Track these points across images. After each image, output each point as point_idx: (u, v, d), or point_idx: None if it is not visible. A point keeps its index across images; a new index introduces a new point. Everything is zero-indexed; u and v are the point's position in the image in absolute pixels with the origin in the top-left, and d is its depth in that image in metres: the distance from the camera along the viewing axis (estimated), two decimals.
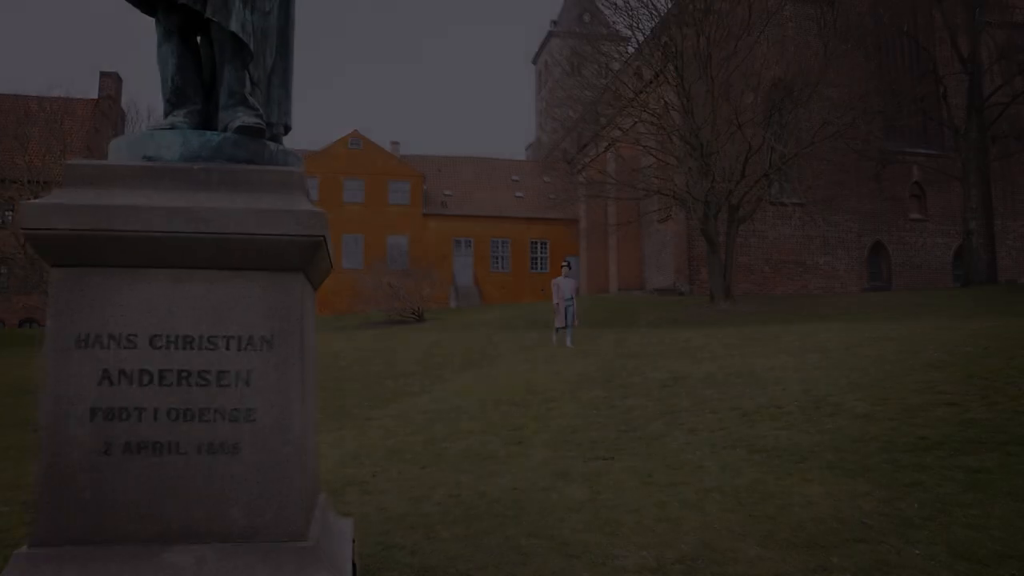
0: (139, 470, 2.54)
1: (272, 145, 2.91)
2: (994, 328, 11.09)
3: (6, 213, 35.31)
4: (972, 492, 4.70)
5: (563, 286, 14.51)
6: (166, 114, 3.04)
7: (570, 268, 14.83)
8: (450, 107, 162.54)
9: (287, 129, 3.32)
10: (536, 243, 45.65)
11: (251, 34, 2.91)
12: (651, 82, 27.43)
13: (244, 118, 2.83)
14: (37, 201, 2.56)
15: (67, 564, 2.44)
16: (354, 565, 3.19)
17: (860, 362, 9.20)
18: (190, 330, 2.61)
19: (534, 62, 75.02)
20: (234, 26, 2.86)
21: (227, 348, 2.61)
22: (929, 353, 9.20)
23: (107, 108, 42.90)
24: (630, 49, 29.06)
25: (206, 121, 3.06)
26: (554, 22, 69.82)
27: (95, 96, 43.02)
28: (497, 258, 45.23)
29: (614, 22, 28.71)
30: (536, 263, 45.59)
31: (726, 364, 10.23)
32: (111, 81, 43.96)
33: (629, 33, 27.80)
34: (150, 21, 3.12)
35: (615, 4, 27.07)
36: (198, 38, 3.14)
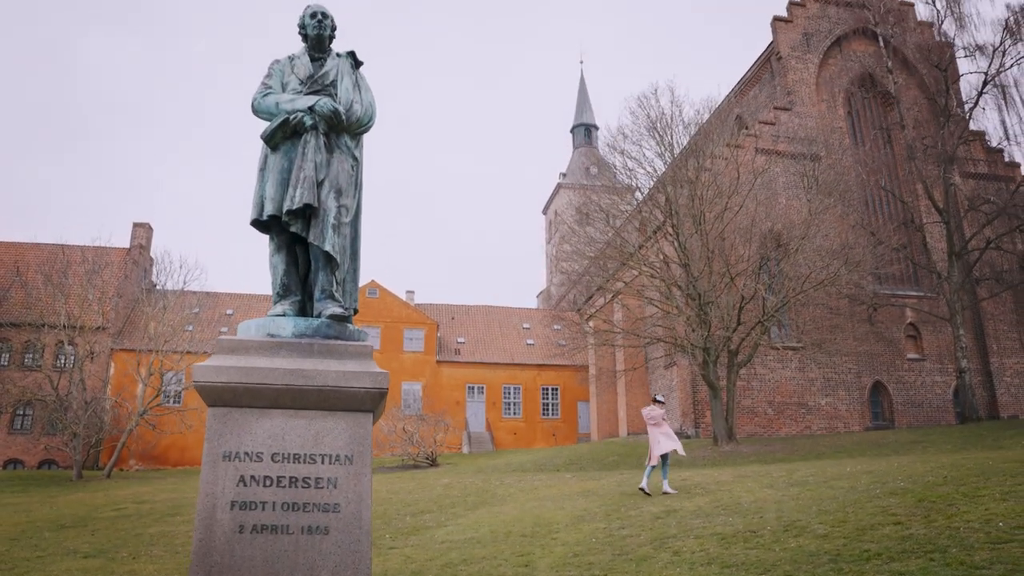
0: (261, 544, 3.79)
1: (351, 326, 4.34)
2: (962, 460, 12.09)
3: (40, 357, 36.52)
4: None
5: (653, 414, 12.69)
6: (275, 303, 4.51)
7: (656, 402, 12.95)
8: (463, 256, 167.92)
9: (355, 311, 4.75)
10: (547, 389, 46.68)
11: (338, 252, 4.41)
12: (651, 237, 29.49)
13: (333, 309, 4.28)
14: (201, 364, 3.95)
15: None
16: None
17: (833, 492, 10.21)
18: (298, 450, 3.94)
19: (544, 212, 78.49)
20: (327, 247, 4.37)
21: (322, 462, 3.93)
22: (895, 483, 10.22)
23: (138, 256, 45.48)
24: (635, 200, 31.31)
25: (303, 308, 4.53)
26: (563, 174, 73.76)
27: (127, 245, 45.69)
28: (509, 404, 46.12)
29: (618, 181, 31.24)
30: (547, 409, 46.42)
31: (716, 498, 11.23)
32: (143, 231, 46.86)
33: (630, 189, 30.27)
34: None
35: (615, 166, 29.75)
36: (296, 246, 4.65)
